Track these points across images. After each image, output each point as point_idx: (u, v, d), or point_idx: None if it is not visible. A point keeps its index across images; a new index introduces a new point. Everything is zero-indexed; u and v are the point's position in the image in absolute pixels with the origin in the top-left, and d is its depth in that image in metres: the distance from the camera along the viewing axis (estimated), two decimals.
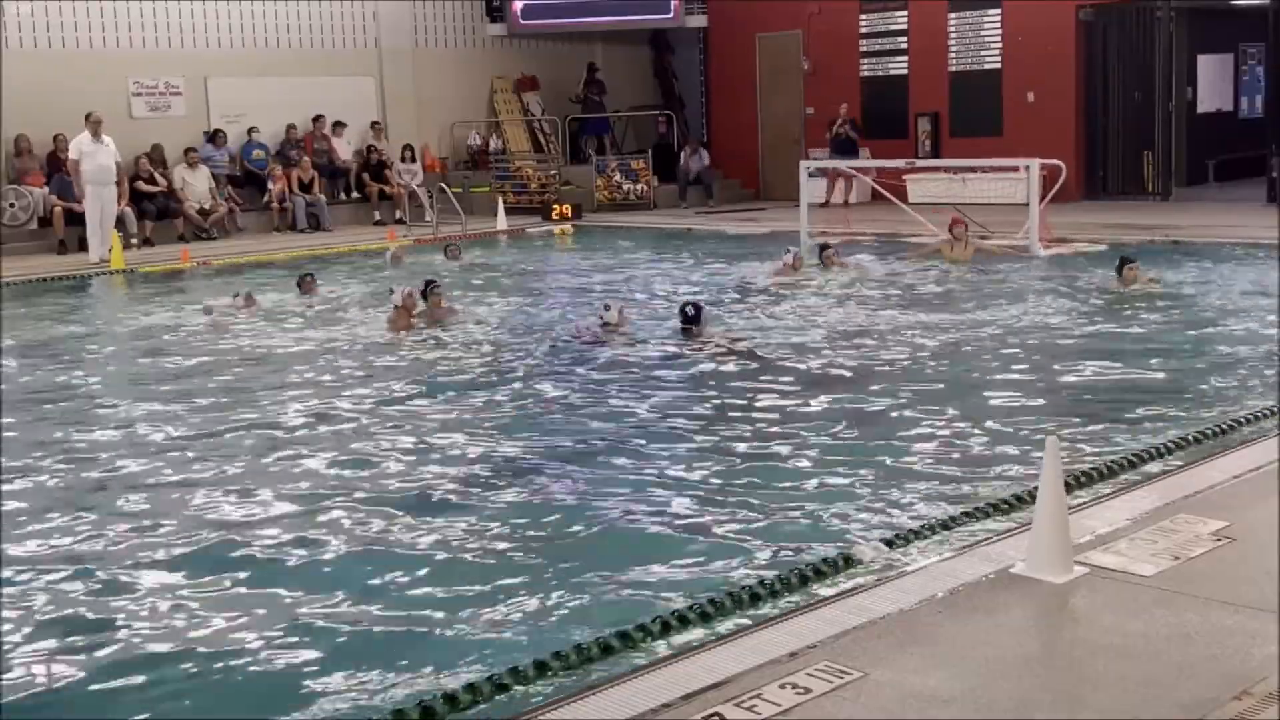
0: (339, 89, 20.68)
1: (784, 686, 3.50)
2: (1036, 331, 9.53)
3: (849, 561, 4.56)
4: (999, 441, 6.40)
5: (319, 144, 20.37)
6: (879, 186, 16.47)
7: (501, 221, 18.77)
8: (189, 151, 18.64)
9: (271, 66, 20.01)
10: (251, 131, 19.68)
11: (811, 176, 16.63)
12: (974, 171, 15.49)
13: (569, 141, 22.70)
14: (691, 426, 7.07)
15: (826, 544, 4.92)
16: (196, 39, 19.37)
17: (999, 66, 19.68)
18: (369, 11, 21.08)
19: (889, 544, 4.70)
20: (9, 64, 17.31)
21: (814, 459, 6.21)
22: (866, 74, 21.12)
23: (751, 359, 8.79)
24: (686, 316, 9.60)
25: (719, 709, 3.39)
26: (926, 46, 20.34)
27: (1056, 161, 14.43)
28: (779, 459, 6.25)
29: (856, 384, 7.96)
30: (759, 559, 4.89)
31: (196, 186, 18.54)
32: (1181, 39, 19.07)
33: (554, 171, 21.14)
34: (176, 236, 17.90)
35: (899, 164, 16.58)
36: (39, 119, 17.41)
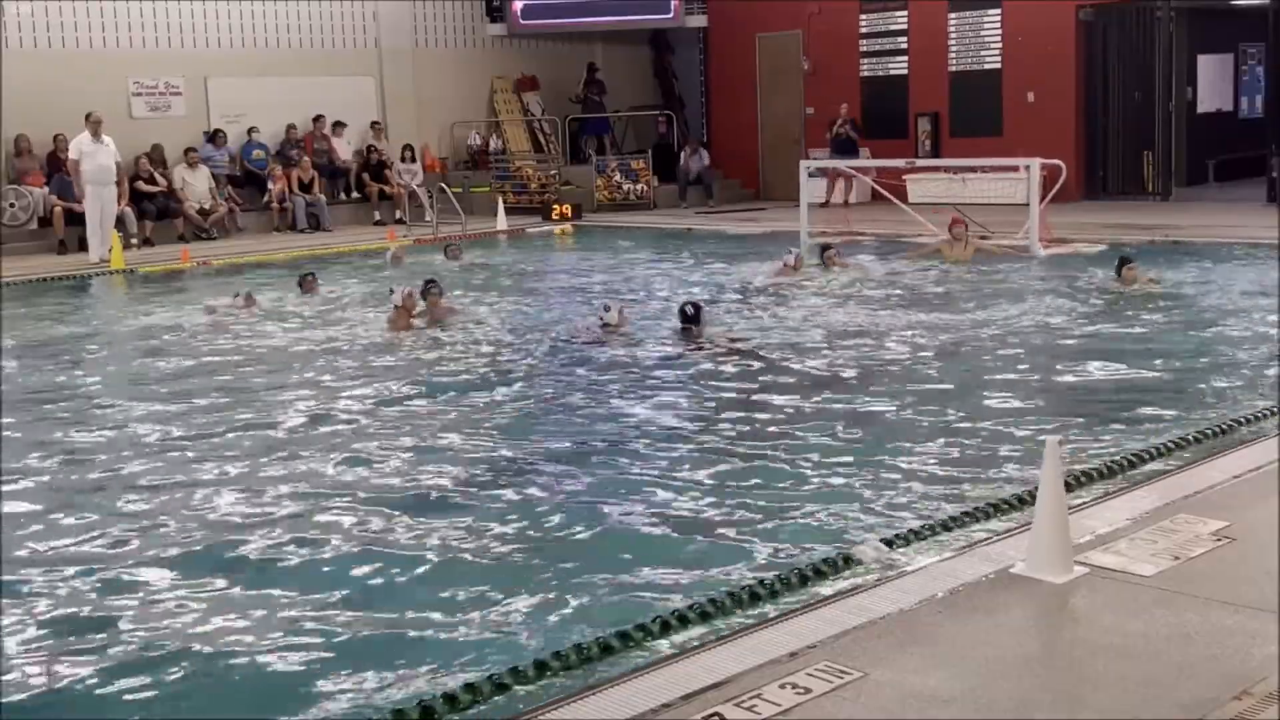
0: (339, 89, 20.69)
1: (784, 686, 3.50)
2: (1036, 331, 9.54)
3: (849, 561, 4.55)
4: (999, 441, 6.40)
5: (319, 144, 20.37)
6: (879, 186, 16.47)
7: (501, 221, 18.77)
8: (189, 151, 18.65)
9: (271, 66, 20.01)
10: (251, 131, 19.69)
11: (811, 176, 16.63)
12: (974, 171, 15.49)
13: (569, 141, 22.70)
14: (691, 426, 7.07)
15: (826, 544, 4.92)
16: (196, 39, 19.38)
17: (999, 66, 19.68)
18: (369, 11, 21.09)
19: (889, 544, 4.70)
20: (9, 64, 17.32)
21: (814, 459, 6.20)
22: (866, 74, 21.12)
23: (751, 359, 8.79)
24: (686, 316, 9.60)
25: (719, 709, 3.39)
26: (926, 46, 20.35)
27: (1056, 161, 14.44)
28: (779, 459, 6.24)
29: (856, 384, 7.96)
30: (759, 559, 4.89)
31: (196, 186, 18.55)
32: (1181, 39, 19.07)
33: (554, 171, 21.14)
34: (176, 236, 17.91)
35: (899, 164, 16.59)
36: (39, 119, 17.43)
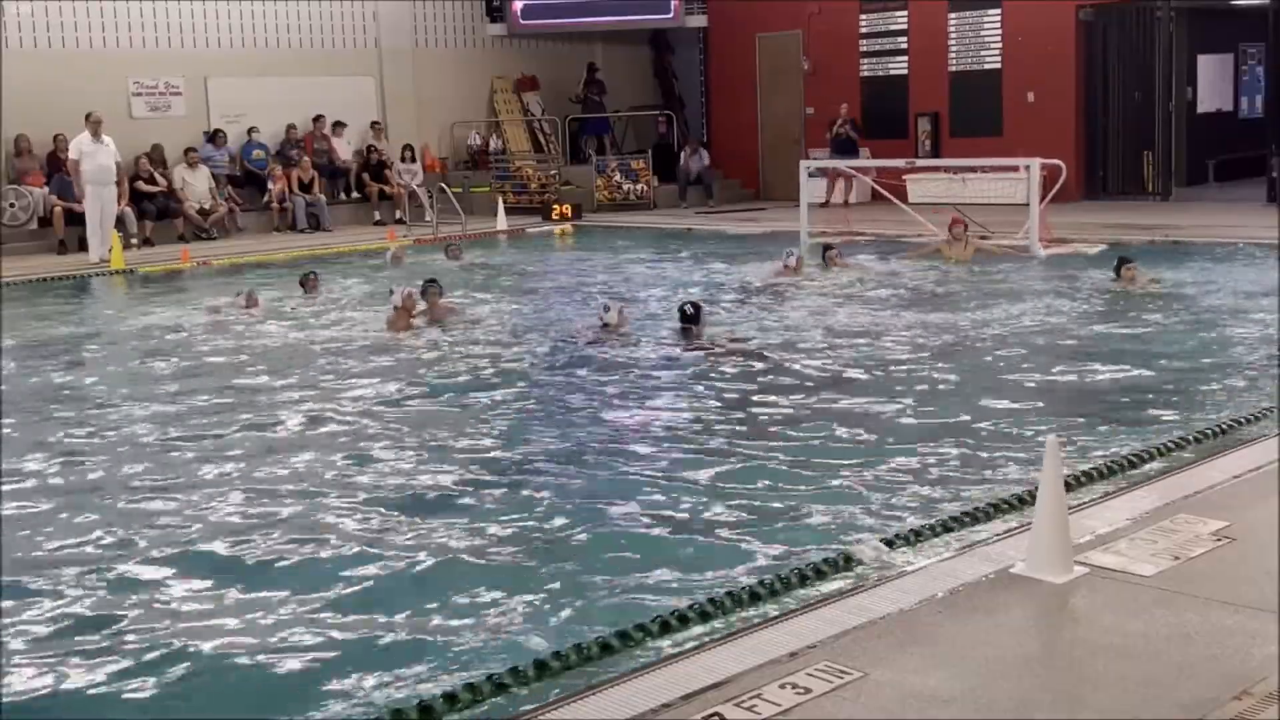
0: (339, 89, 20.69)
1: (784, 686, 3.50)
2: (1036, 331, 9.54)
3: (849, 561, 4.55)
4: (999, 441, 6.40)
5: (319, 144, 20.37)
6: (879, 186, 16.47)
7: (501, 221, 18.76)
8: (189, 151, 18.65)
9: (271, 66, 20.01)
10: (251, 131, 19.69)
11: (811, 176, 16.63)
12: (974, 171, 15.49)
13: (569, 141, 22.70)
14: (691, 427, 7.06)
15: (826, 544, 4.92)
16: (196, 39, 19.38)
17: (999, 66, 19.68)
18: (369, 11, 21.09)
19: (889, 544, 4.70)
20: (9, 64, 17.32)
21: (814, 459, 6.20)
22: (866, 74, 21.12)
23: (751, 359, 8.79)
24: (686, 316, 9.59)
25: (719, 709, 3.39)
26: (926, 46, 20.35)
27: (1056, 161, 14.44)
28: (779, 459, 6.24)
29: (856, 384, 7.96)
30: (759, 559, 4.89)
31: (196, 186, 18.55)
32: (1181, 39, 19.07)
33: (554, 171, 21.14)
34: (176, 236, 17.91)
35: (899, 164, 16.59)
36: (39, 119, 17.43)
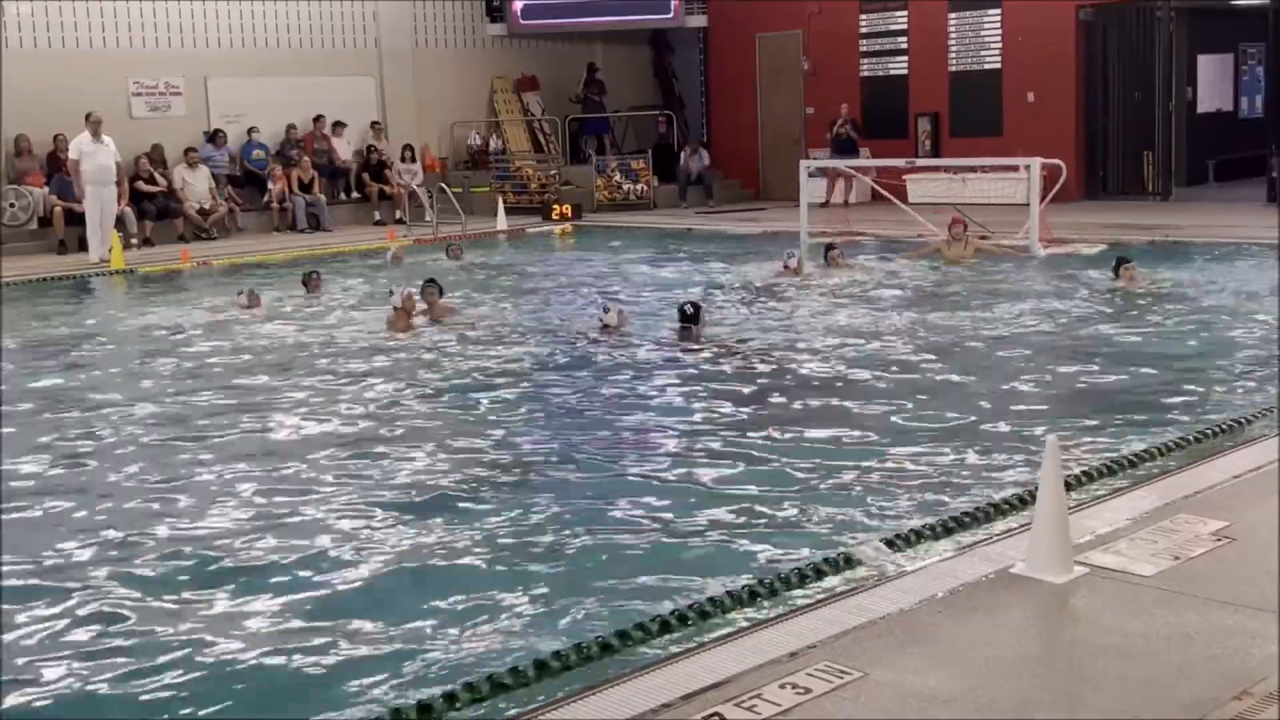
0: (339, 89, 20.69)
1: (784, 686, 3.50)
2: (1036, 331, 9.53)
3: (849, 561, 4.55)
4: (999, 441, 6.40)
5: (319, 144, 20.37)
6: (879, 186, 16.47)
7: (501, 221, 18.76)
8: (189, 151, 18.65)
9: (271, 66, 20.01)
10: (251, 131, 19.69)
11: (811, 176, 16.62)
12: (974, 171, 15.50)
13: (569, 141, 22.70)
14: (691, 427, 7.06)
15: (826, 544, 4.92)
16: (196, 39, 19.38)
17: (999, 66, 19.68)
18: (369, 11, 21.09)
19: (889, 544, 4.70)
20: (9, 64, 17.32)
21: (814, 459, 6.20)
22: (866, 74, 21.12)
23: (751, 359, 8.79)
24: (685, 316, 9.59)
25: (719, 709, 3.39)
26: (926, 46, 20.35)
27: (1056, 161, 14.43)
28: (779, 459, 6.24)
29: (856, 384, 7.96)
30: (759, 559, 4.89)
31: (196, 186, 18.55)
32: (1181, 39, 19.06)
33: (554, 171, 21.14)
34: (176, 236, 17.91)
35: (899, 164, 16.58)
36: (39, 119, 17.42)
